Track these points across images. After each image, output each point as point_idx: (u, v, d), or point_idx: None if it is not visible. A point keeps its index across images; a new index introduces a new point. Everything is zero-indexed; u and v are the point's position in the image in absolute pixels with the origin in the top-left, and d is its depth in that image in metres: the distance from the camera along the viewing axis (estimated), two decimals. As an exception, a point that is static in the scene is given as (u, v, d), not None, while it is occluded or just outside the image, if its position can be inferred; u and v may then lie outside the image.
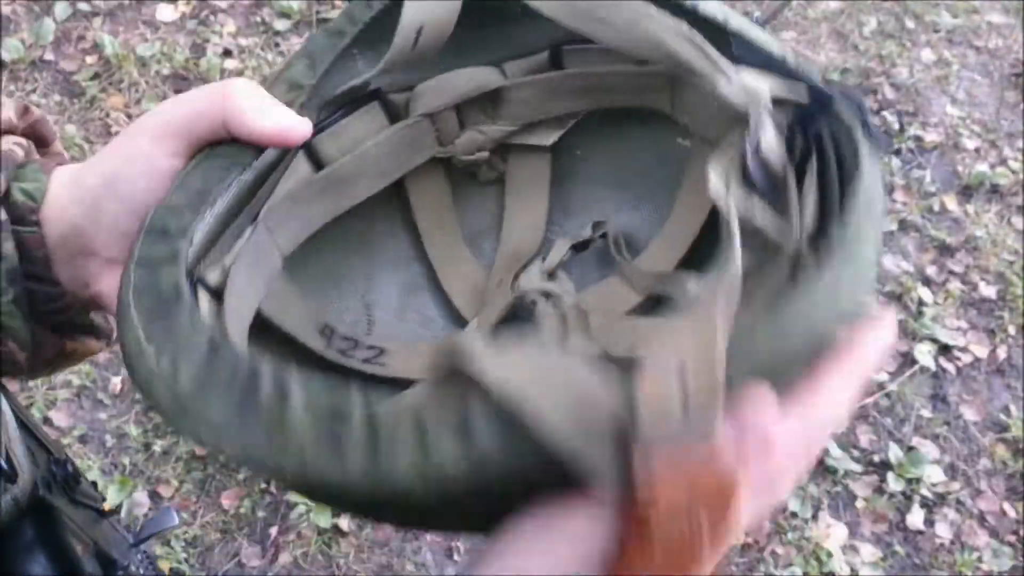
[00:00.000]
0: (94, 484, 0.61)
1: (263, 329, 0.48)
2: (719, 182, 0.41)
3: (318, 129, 0.48)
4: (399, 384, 0.53)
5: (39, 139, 0.52)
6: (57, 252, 0.47)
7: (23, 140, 0.49)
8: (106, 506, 0.62)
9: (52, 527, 0.44)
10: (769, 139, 0.41)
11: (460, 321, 0.58)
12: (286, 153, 0.46)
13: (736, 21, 0.45)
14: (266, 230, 0.46)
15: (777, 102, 0.42)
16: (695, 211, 0.54)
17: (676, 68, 0.44)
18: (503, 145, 0.56)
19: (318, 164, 0.48)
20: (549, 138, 0.55)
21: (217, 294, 0.43)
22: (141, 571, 0.65)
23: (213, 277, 0.43)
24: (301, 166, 0.47)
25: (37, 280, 0.46)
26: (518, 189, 0.58)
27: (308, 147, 0.47)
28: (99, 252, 0.47)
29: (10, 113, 0.49)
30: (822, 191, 0.41)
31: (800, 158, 0.43)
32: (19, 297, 0.46)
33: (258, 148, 0.44)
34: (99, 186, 0.46)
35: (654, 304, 0.55)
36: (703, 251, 0.54)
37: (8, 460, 0.41)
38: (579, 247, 0.57)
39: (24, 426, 0.46)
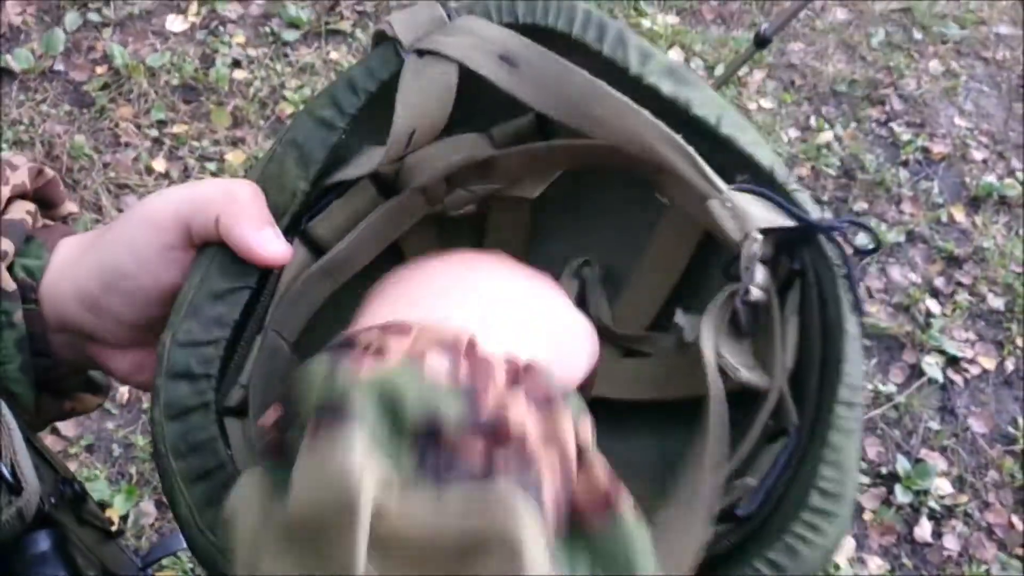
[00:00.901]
0: (101, 505, 0.61)
1: None
2: (711, 353, 0.42)
3: (312, 214, 0.48)
4: None
5: (48, 202, 0.53)
6: (56, 333, 0.48)
7: (31, 206, 0.50)
8: (114, 526, 0.62)
9: (61, 543, 0.45)
10: (759, 283, 0.42)
11: None
12: None
13: (728, 124, 0.46)
14: (274, 333, 0.47)
15: (766, 231, 0.43)
16: (669, 264, 0.56)
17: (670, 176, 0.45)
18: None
19: (314, 247, 0.49)
20: (533, 191, 0.56)
21: (240, 411, 0.44)
22: (148, 597, 0.66)
23: (235, 399, 0.44)
24: (298, 253, 0.47)
25: (35, 353, 0.47)
26: (498, 238, 0.59)
27: (303, 234, 0.48)
28: (104, 339, 0.48)
29: (24, 177, 0.50)
30: (802, 328, 0.43)
31: (781, 282, 0.45)
32: (25, 365, 0.47)
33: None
34: (97, 286, 0.46)
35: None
36: (690, 284, 0.57)
37: (13, 472, 0.41)
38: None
39: (31, 444, 0.47)
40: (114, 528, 0.61)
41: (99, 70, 2.15)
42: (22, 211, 0.49)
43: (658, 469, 0.44)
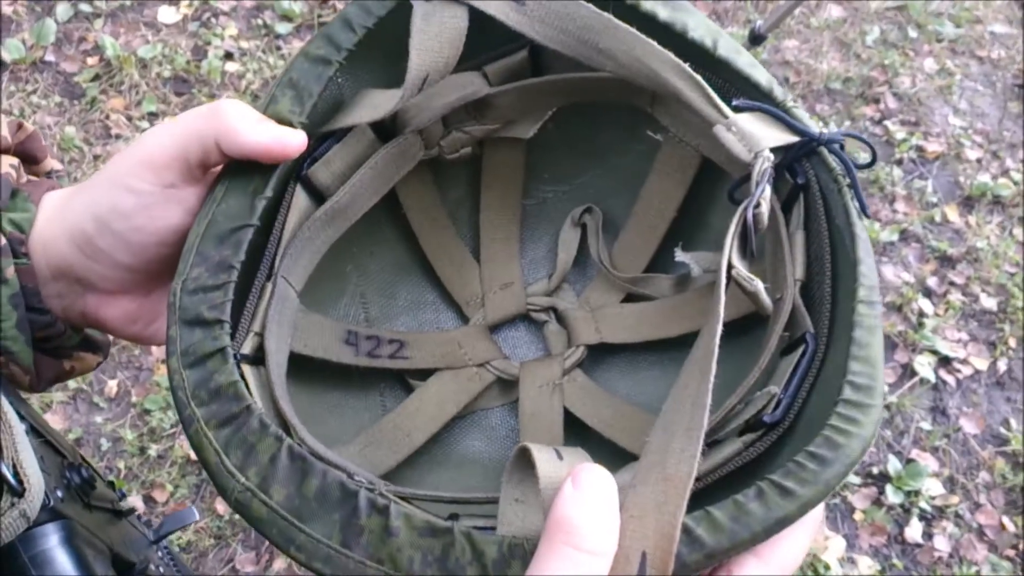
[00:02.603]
0: (111, 484, 0.61)
1: (294, 361, 0.49)
2: (744, 271, 0.43)
3: (311, 160, 0.48)
4: (422, 372, 0.58)
5: (30, 157, 0.52)
6: (47, 284, 0.47)
7: (14, 160, 0.49)
8: (124, 501, 0.63)
9: (69, 537, 0.44)
10: (766, 198, 0.43)
11: (448, 299, 0.62)
12: (283, 195, 0.47)
13: (724, 47, 0.46)
14: (283, 280, 0.47)
15: (774, 149, 0.44)
16: (665, 201, 0.58)
17: (676, 102, 0.45)
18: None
19: (315, 193, 0.49)
20: (528, 131, 0.57)
21: (255, 359, 0.44)
22: (161, 570, 0.66)
23: (249, 347, 0.44)
24: (300, 199, 0.48)
25: (29, 309, 0.47)
26: (493, 180, 0.60)
27: (304, 180, 0.48)
28: (96, 285, 0.48)
29: (4, 131, 0.49)
30: (808, 240, 0.45)
31: (784, 200, 0.46)
32: (21, 321, 0.46)
33: (261, 206, 0.45)
34: (92, 225, 0.45)
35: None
36: (684, 224, 0.58)
37: (15, 473, 0.40)
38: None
39: (36, 432, 0.46)
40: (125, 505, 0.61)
41: (90, 61, 2.13)
42: (5, 165, 0.48)
43: (664, 399, 0.44)
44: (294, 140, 0.45)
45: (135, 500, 1.60)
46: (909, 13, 2.56)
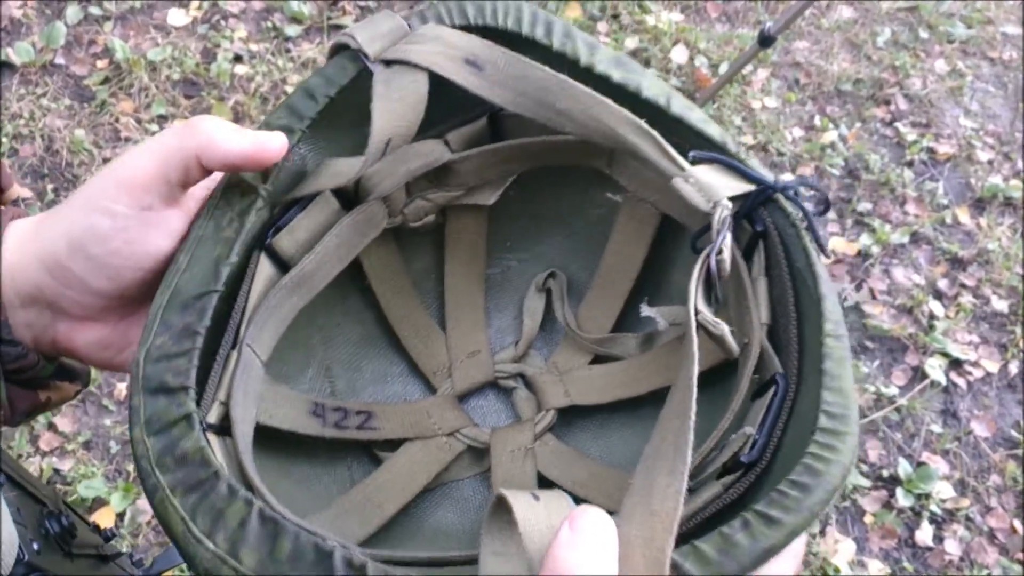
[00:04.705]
0: (96, 528, 0.60)
1: (260, 434, 0.48)
2: (711, 318, 0.44)
3: (275, 229, 0.48)
4: (390, 443, 0.57)
5: None
6: (16, 313, 0.46)
7: None
8: (122, 542, 0.62)
9: None
10: (727, 245, 0.44)
11: (415, 370, 0.61)
12: (247, 264, 0.47)
13: (677, 105, 0.48)
14: (248, 348, 0.46)
15: (732, 197, 0.45)
16: (628, 261, 0.58)
17: (633, 158, 0.46)
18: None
19: (279, 262, 0.49)
20: (490, 198, 0.58)
21: (220, 428, 0.43)
22: (151, 609, 0.65)
23: (214, 416, 0.43)
24: (264, 268, 0.47)
25: None
26: (457, 248, 0.61)
27: (268, 248, 0.48)
28: (66, 310, 0.47)
29: None
30: (771, 285, 0.46)
31: (744, 247, 0.47)
32: None
33: (225, 272, 0.44)
34: (65, 250, 0.44)
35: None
36: (647, 283, 0.59)
37: None
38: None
39: (14, 482, 0.45)
40: (118, 542, 0.60)
41: (100, 64, 2.14)
42: None
43: (636, 458, 0.44)
44: (274, 143, 0.45)
45: (143, 503, 1.60)
46: (920, 14, 2.55)
